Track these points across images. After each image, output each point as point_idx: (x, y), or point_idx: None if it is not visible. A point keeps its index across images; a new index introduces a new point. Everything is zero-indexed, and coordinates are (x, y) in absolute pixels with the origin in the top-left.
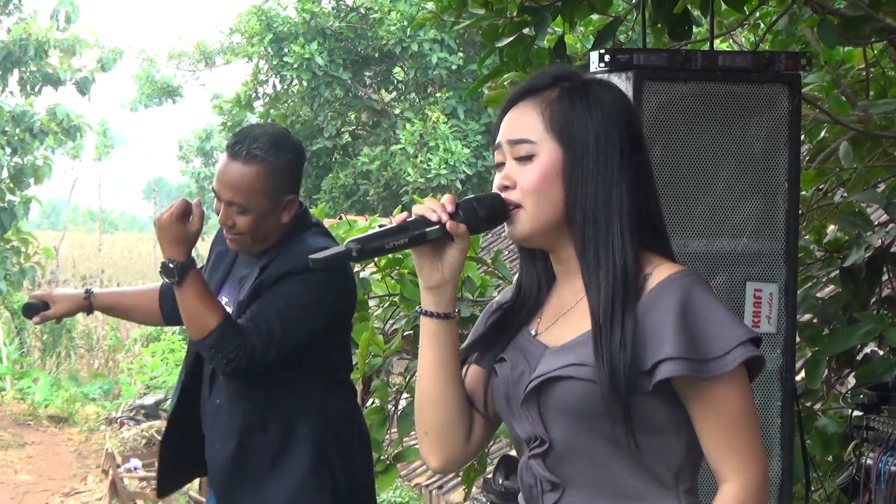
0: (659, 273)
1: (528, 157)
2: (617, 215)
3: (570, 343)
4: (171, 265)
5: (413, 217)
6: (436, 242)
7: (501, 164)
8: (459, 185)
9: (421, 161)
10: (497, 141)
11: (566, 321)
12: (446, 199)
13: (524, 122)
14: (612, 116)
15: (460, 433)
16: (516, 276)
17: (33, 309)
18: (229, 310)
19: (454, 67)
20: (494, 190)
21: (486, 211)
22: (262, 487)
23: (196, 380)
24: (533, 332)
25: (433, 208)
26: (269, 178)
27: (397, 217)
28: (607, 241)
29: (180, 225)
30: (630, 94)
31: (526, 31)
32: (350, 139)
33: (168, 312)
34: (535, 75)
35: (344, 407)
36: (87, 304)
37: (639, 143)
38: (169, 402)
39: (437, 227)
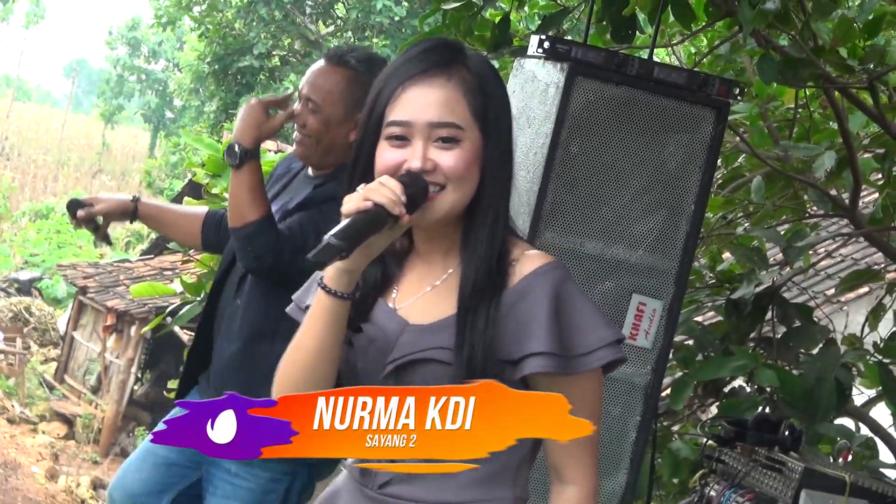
0: (528, 261)
1: (452, 140)
2: (504, 202)
3: (437, 324)
4: (236, 148)
5: (368, 207)
6: None
7: (400, 140)
8: None
9: None
10: (403, 119)
11: (431, 299)
12: (397, 187)
13: (450, 106)
14: (506, 93)
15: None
16: None
17: (78, 205)
18: (277, 217)
19: (396, 18)
20: (387, 167)
21: (416, 195)
22: (256, 395)
23: (223, 284)
24: (391, 306)
25: (393, 200)
26: (351, 86)
27: (356, 201)
28: (494, 227)
29: (264, 113)
30: (561, 85)
31: None
32: (279, 63)
33: (207, 238)
34: (428, 52)
35: None
36: (133, 208)
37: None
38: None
39: (395, 218)
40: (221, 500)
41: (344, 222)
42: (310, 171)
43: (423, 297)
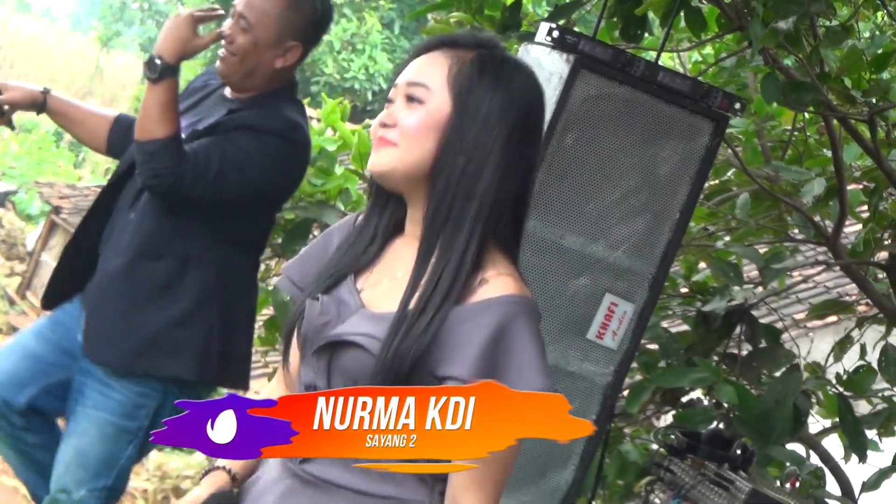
0: (496, 285)
1: (418, 100)
2: (478, 198)
3: (382, 314)
4: (157, 60)
5: None
6: None
7: (391, 103)
8: (370, 96)
9: (343, 59)
10: (396, 81)
11: (392, 289)
12: None
13: (430, 70)
14: (515, 100)
15: None
16: (360, 216)
17: None
18: (184, 135)
19: None
20: (374, 125)
21: None
22: (133, 312)
23: (116, 192)
24: (358, 287)
25: None
26: (287, 11)
27: None
28: (459, 220)
29: (192, 29)
30: (564, 76)
31: None
32: None
33: (113, 142)
34: (461, 32)
35: (244, 276)
36: (42, 100)
37: (532, 136)
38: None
39: None
40: (91, 410)
41: None
42: (228, 91)
43: (388, 285)
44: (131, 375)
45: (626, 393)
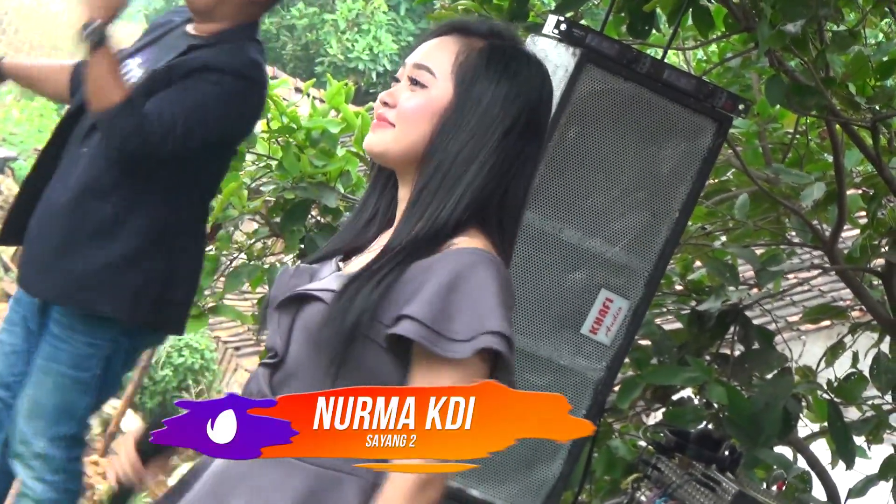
0: (460, 244)
1: (421, 84)
2: (465, 185)
3: (345, 274)
4: (91, 26)
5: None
6: None
7: (397, 81)
8: (375, 77)
9: (348, 39)
10: (405, 61)
11: (367, 258)
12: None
13: (438, 55)
14: (520, 94)
15: None
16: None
17: None
18: (140, 72)
19: None
20: (377, 101)
21: None
22: (72, 247)
23: (68, 130)
24: (342, 265)
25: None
26: None
27: None
28: (442, 202)
29: None
30: (570, 69)
31: None
32: None
33: (76, 92)
34: (477, 20)
35: (191, 224)
36: None
37: (535, 132)
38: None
39: None
40: (43, 361)
41: None
42: (190, 28)
43: (367, 256)
44: (80, 326)
45: (616, 388)
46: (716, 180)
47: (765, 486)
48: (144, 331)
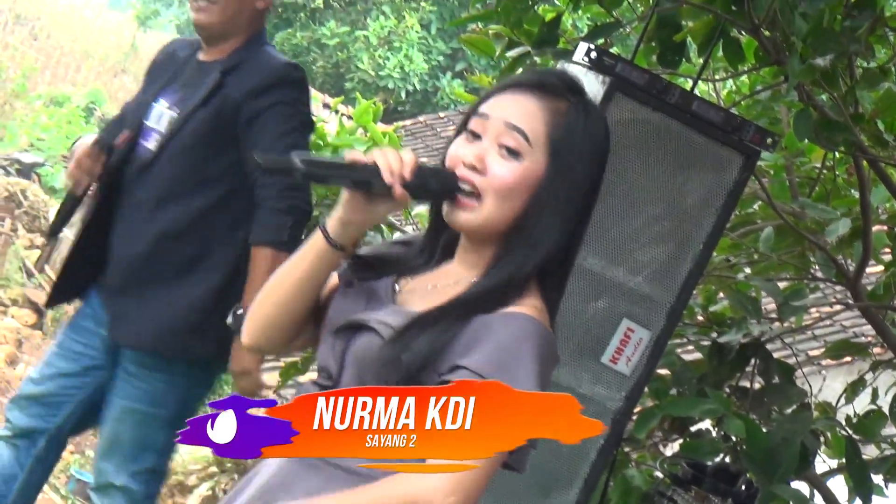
0: (522, 307)
1: (514, 152)
2: (547, 249)
3: (409, 311)
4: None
5: (367, 162)
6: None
7: (475, 136)
8: (404, 95)
9: (379, 56)
10: (485, 111)
11: (429, 294)
12: (408, 163)
13: (529, 116)
14: (598, 152)
15: (284, 336)
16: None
17: None
18: (171, 114)
19: None
20: (452, 160)
21: (439, 187)
22: (161, 296)
23: (116, 185)
24: (397, 287)
25: (391, 168)
26: None
27: (351, 153)
28: (523, 265)
29: None
30: (599, 98)
31: None
32: (321, 5)
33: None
34: (545, 73)
35: (247, 249)
36: None
37: (600, 181)
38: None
39: (385, 185)
40: (120, 399)
41: (330, 158)
42: (201, 55)
43: (426, 291)
44: (155, 364)
45: (634, 417)
46: (741, 212)
47: None
48: (219, 361)
